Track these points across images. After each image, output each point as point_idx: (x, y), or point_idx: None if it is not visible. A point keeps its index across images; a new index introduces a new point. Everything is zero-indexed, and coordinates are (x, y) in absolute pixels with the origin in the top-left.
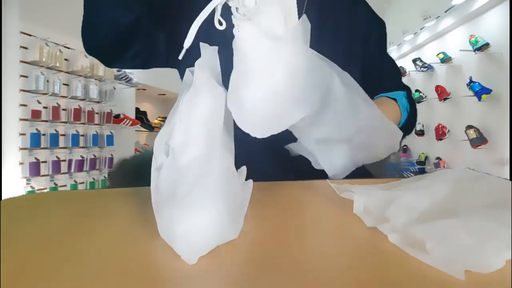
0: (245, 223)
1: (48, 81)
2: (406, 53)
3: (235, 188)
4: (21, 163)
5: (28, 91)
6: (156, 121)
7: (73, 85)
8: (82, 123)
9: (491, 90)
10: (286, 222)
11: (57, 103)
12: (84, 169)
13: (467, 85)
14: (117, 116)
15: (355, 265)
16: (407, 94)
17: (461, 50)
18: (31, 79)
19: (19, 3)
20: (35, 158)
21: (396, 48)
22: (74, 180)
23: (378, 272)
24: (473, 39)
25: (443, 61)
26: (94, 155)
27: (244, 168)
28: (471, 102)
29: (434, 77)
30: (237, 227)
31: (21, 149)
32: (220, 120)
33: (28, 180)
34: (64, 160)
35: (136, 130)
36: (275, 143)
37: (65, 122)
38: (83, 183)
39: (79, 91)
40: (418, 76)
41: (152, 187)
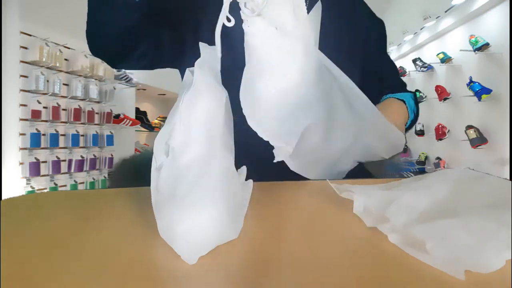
0: (245, 223)
1: (48, 81)
2: (406, 53)
3: (235, 188)
4: (21, 163)
5: (28, 91)
6: (156, 121)
7: (73, 85)
8: (82, 123)
9: (491, 90)
10: (286, 222)
11: (57, 103)
12: (84, 169)
13: (467, 85)
14: (117, 116)
15: (355, 265)
16: (414, 95)
17: (461, 50)
18: (31, 79)
19: (19, 3)
20: (35, 158)
21: (396, 48)
22: (74, 180)
23: (378, 272)
24: (473, 39)
25: (443, 61)
26: (94, 155)
27: (244, 168)
28: (471, 102)
29: (434, 77)
30: (237, 227)
31: (21, 149)
32: (220, 120)
33: (28, 180)
34: (64, 160)
35: (136, 130)
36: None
37: (65, 122)
38: (83, 183)
39: (79, 91)
40: (418, 76)
41: (152, 187)
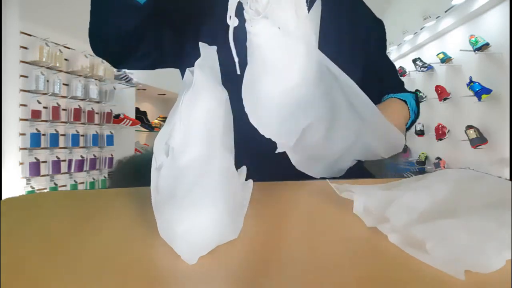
0: (245, 223)
1: (48, 81)
2: (406, 53)
3: (235, 188)
4: (21, 163)
5: (28, 91)
6: (156, 121)
7: (73, 85)
8: (82, 123)
9: (491, 90)
10: (286, 222)
11: (57, 103)
12: (84, 169)
13: (467, 85)
14: (117, 116)
15: (355, 265)
16: (415, 96)
17: (461, 50)
18: (31, 79)
19: (19, 3)
20: (35, 158)
21: (396, 48)
22: (74, 180)
23: (378, 272)
24: (473, 39)
25: (443, 61)
26: (94, 155)
27: (244, 168)
28: (471, 102)
29: (434, 77)
30: (237, 227)
31: (21, 149)
32: (220, 120)
33: (28, 180)
34: (64, 160)
35: (136, 130)
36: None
37: (65, 122)
38: (83, 183)
39: (79, 91)
40: (418, 76)
41: (152, 187)
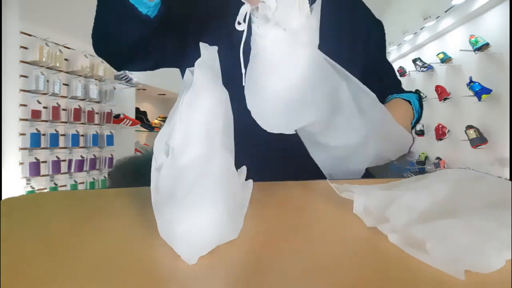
0: (245, 223)
1: (48, 81)
2: (406, 53)
3: (235, 188)
4: (21, 163)
5: (28, 91)
6: (156, 121)
7: (73, 85)
8: (82, 123)
9: (491, 90)
10: (286, 222)
11: (57, 103)
12: (84, 169)
13: (467, 85)
14: (117, 116)
15: (355, 265)
16: (418, 96)
17: (461, 50)
18: (31, 79)
19: (19, 3)
20: (35, 158)
21: (396, 48)
22: (74, 180)
23: (378, 272)
24: (473, 39)
25: (443, 61)
26: (94, 155)
27: (244, 168)
28: (471, 102)
29: (434, 77)
30: (237, 227)
31: (21, 149)
32: (220, 120)
33: (28, 180)
34: (64, 160)
35: (136, 130)
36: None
37: (65, 122)
38: (83, 183)
39: (79, 91)
40: (418, 76)
41: (152, 187)
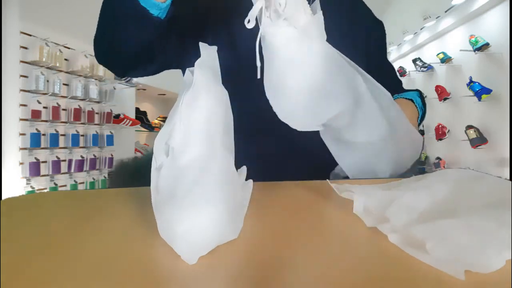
0: (245, 223)
1: (48, 81)
2: (406, 53)
3: (235, 188)
4: (21, 163)
5: (28, 91)
6: (156, 121)
7: (73, 85)
8: (82, 123)
9: (491, 90)
10: (286, 222)
11: (57, 103)
12: (84, 169)
13: (467, 85)
14: (117, 116)
15: (355, 265)
16: (419, 93)
17: (461, 50)
18: (31, 79)
19: (19, 3)
20: (35, 158)
21: (396, 48)
22: (74, 180)
23: (378, 272)
24: (473, 39)
25: (443, 61)
26: (94, 155)
27: (244, 168)
28: (471, 102)
29: (434, 77)
30: (237, 227)
31: (21, 149)
32: (220, 120)
33: (28, 180)
34: (64, 160)
35: (136, 130)
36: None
37: (65, 122)
38: (83, 183)
39: (79, 91)
40: (418, 76)
41: (152, 187)
